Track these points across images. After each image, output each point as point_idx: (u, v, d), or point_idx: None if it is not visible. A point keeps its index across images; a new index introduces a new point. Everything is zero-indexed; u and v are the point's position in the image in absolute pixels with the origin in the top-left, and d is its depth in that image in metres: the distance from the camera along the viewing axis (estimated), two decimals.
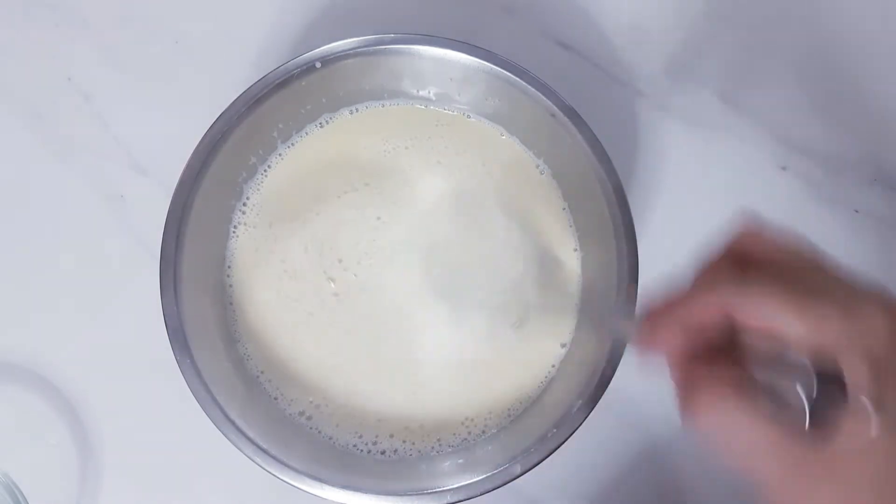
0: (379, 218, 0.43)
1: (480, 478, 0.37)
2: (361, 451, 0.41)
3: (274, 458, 0.37)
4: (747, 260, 0.27)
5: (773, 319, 0.25)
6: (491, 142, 0.45)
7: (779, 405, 0.25)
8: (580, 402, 0.37)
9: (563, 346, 0.42)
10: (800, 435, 0.25)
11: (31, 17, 0.51)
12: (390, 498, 0.37)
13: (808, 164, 0.49)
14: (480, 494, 0.37)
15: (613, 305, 0.38)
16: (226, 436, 0.37)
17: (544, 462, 0.37)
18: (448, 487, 0.37)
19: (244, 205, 0.44)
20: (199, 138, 0.39)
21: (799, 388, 0.25)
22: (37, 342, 0.46)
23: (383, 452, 0.41)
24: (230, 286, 0.43)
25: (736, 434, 0.26)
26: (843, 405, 0.24)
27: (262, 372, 0.42)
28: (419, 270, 0.43)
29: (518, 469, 0.37)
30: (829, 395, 0.25)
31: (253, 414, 0.39)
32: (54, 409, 0.45)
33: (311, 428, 0.41)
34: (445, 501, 0.37)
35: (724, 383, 0.26)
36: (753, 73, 0.51)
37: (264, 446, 0.37)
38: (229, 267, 0.43)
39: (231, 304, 0.43)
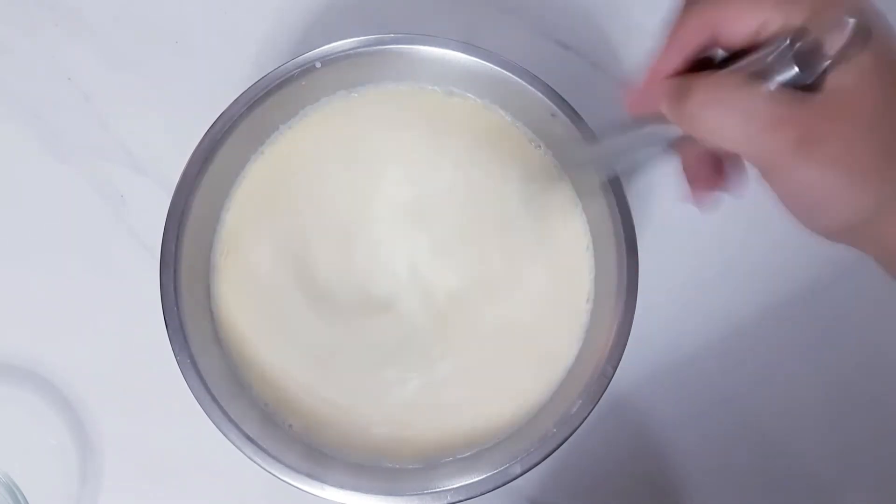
0: (381, 215, 0.43)
1: (480, 478, 0.37)
2: (357, 462, 0.40)
3: (274, 458, 0.37)
4: None
5: (753, 19, 0.27)
6: (491, 123, 0.44)
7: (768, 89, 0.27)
8: (580, 401, 0.37)
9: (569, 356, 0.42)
10: (796, 101, 0.26)
11: (31, 17, 0.51)
12: (390, 498, 0.37)
13: None
14: (480, 494, 0.37)
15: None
16: (226, 436, 0.37)
17: (544, 462, 0.37)
18: (448, 487, 0.37)
19: (234, 199, 0.43)
20: (199, 138, 0.39)
21: (785, 71, 0.26)
22: (37, 342, 0.46)
23: (384, 466, 0.40)
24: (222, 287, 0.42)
25: (736, 115, 0.26)
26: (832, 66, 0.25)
27: (251, 377, 0.41)
28: (421, 269, 0.42)
29: (518, 469, 0.37)
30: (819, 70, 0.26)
31: (253, 414, 0.40)
32: (54, 409, 0.45)
33: (306, 440, 0.40)
34: (445, 501, 0.37)
35: (717, 77, 0.27)
36: None
37: (264, 446, 0.37)
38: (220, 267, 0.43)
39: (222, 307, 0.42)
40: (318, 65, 0.41)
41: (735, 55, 0.28)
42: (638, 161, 0.36)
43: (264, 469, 0.37)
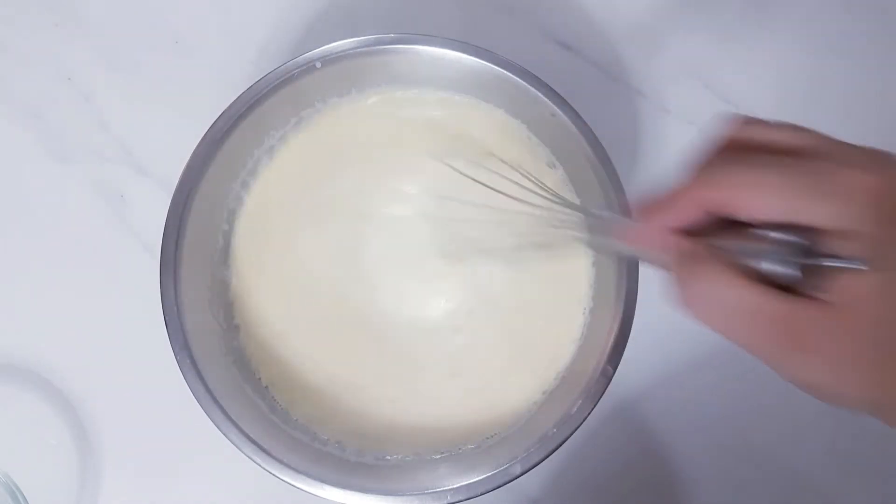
0: (381, 216, 0.43)
1: (480, 478, 0.37)
2: (361, 458, 0.40)
3: (274, 458, 0.37)
4: (745, 150, 0.28)
5: (764, 211, 0.26)
6: (491, 124, 0.44)
7: (771, 281, 0.26)
8: (580, 401, 0.37)
9: (566, 357, 0.42)
10: (795, 304, 0.25)
11: (31, 17, 0.51)
12: (390, 498, 0.37)
13: None
14: (480, 494, 0.37)
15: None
16: (226, 436, 0.37)
17: (544, 462, 0.37)
18: (448, 487, 0.37)
19: (243, 202, 0.43)
20: (199, 138, 0.39)
21: (786, 267, 0.26)
22: (37, 342, 0.46)
23: (386, 459, 0.41)
24: (231, 285, 0.43)
25: (735, 308, 0.26)
26: (834, 271, 0.25)
27: (260, 374, 0.42)
28: (425, 270, 0.43)
29: (518, 469, 0.37)
30: (817, 268, 0.25)
31: (253, 414, 0.40)
32: (54, 409, 0.45)
33: (308, 433, 0.41)
34: (445, 501, 0.37)
35: (719, 261, 0.27)
36: (753, 73, 0.51)
37: (264, 446, 0.37)
38: (228, 266, 0.43)
39: (232, 304, 0.43)
40: (318, 65, 0.41)
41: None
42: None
43: (264, 469, 0.37)
